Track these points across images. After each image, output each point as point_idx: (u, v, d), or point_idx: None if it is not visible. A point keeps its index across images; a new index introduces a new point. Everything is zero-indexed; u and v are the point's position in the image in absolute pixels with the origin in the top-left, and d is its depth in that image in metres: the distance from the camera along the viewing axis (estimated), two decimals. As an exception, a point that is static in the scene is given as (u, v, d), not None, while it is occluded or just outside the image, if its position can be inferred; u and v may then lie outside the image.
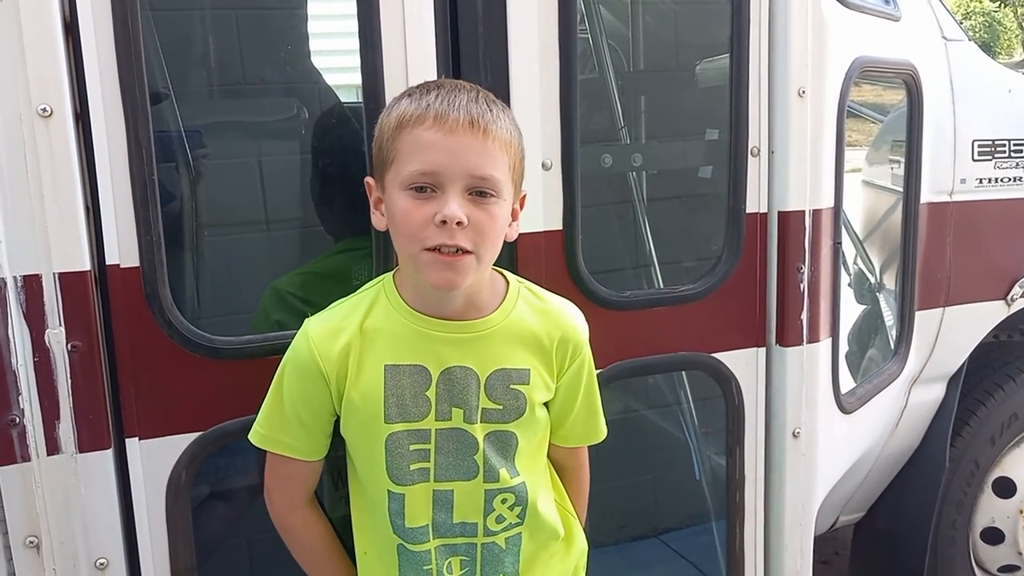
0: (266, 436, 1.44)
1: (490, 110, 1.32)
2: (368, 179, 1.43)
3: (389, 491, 1.42)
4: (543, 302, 1.49)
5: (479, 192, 1.30)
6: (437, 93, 1.31)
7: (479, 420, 1.41)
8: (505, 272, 1.50)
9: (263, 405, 1.45)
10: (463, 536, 1.45)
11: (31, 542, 1.46)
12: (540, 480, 1.52)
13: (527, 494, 1.47)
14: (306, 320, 1.44)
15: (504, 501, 1.45)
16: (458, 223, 1.27)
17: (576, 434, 1.56)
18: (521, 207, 1.45)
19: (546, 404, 1.50)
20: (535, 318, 1.46)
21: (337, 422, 1.45)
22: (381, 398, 1.38)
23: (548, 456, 1.57)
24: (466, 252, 1.29)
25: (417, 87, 1.37)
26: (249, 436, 1.46)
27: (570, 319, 1.49)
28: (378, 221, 1.41)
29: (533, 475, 1.49)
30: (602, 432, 1.59)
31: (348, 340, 1.38)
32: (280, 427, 1.43)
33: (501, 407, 1.42)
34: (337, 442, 1.49)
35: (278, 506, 1.51)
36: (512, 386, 1.42)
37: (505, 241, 1.40)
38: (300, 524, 1.52)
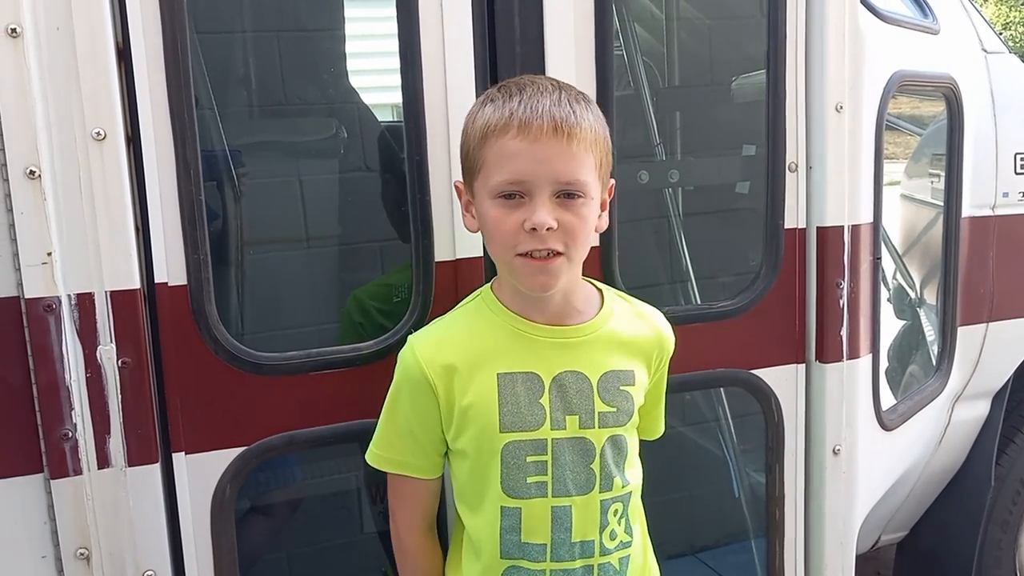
0: (380, 456, 1.46)
1: (574, 112, 1.32)
2: (457, 182, 1.46)
3: (503, 507, 1.39)
4: (636, 306, 1.53)
5: (567, 194, 1.31)
6: (520, 99, 1.31)
7: (597, 425, 1.41)
8: (592, 280, 1.53)
9: (377, 426, 1.47)
10: (581, 558, 1.42)
11: (81, 554, 1.49)
12: (637, 487, 1.52)
13: (631, 499, 1.47)
14: (410, 336, 1.45)
15: (616, 513, 1.44)
16: (548, 228, 1.29)
17: (643, 428, 1.57)
18: (610, 196, 1.45)
19: None
20: (633, 321, 1.49)
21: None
22: (496, 406, 1.37)
23: None
24: (558, 254, 1.32)
25: (499, 90, 1.37)
26: (366, 457, 1.48)
27: (664, 321, 1.54)
28: (469, 223, 1.43)
29: (636, 483, 1.49)
30: (662, 427, 1.63)
31: (454, 350, 1.39)
32: (394, 445, 1.44)
33: (615, 409, 1.42)
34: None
35: (400, 526, 1.52)
36: (622, 387, 1.43)
37: (596, 231, 1.42)
38: (416, 548, 1.51)
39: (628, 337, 1.47)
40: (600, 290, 1.50)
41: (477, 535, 1.44)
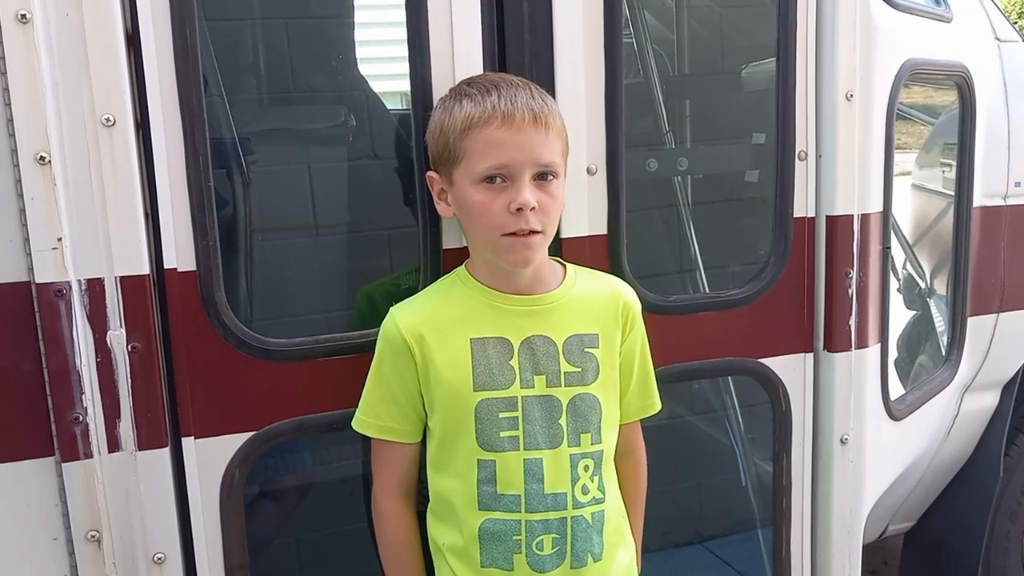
0: (364, 421, 1.55)
1: (546, 104, 1.48)
2: (430, 173, 1.54)
3: (479, 460, 1.50)
4: (599, 275, 1.66)
5: (542, 176, 1.46)
6: (498, 94, 1.45)
7: (563, 384, 1.52)
8: (558, 259, 1.63)
9: (362, 394, 1.56)
10: (555, 509, 1.51)
11: (92, 536, 1.50)
12: (612, 452, 1.60)
13: (603, 459, 1.56)
14: (391, 309, 1.56)
15: (587, 468, 1.53)
16: (531, 208, 1.42)
17: (634, 406, 1.66)
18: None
19: None
20: (597, 288, 1.61)
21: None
22: (469, 368, 1.49)
23: None
24: (536, 232, 1.45)
25: (471, 87, 1.48)
26: (352, 424, 1.57)
27: (628, 288, 1.65)
28: (444, 210, 1.55)
29: (610, 445, 1.58)
30: (658, 403, 1.69)
31: (431, 317, 1.52)
32: (377, 410, 1.54)
33: (580, 369, 1.54)
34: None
35: (375, 490, 1.60)
36: (586, 349, 1.55)
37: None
38: (389, 512, 1.59)
39: (591, 301, 1.58)
40: (564, 265, 1.61)
41: (452, 494, 1.52)
